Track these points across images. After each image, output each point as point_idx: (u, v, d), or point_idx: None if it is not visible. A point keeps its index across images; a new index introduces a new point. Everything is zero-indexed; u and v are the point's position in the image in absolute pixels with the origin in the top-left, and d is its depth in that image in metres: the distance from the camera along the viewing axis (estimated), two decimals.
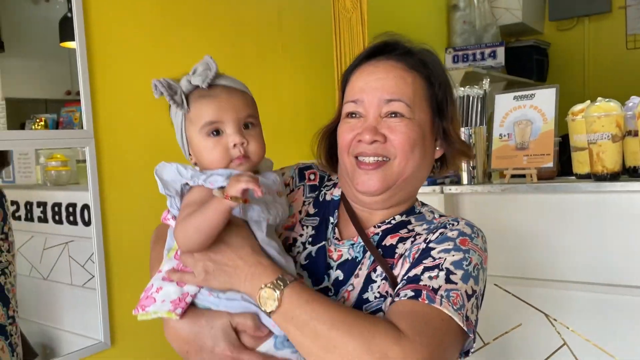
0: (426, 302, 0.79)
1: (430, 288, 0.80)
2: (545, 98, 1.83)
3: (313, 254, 0.96)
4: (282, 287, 0.80)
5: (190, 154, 0.93)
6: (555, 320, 1.74)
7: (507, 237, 1.79)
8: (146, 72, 1.76)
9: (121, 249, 1.70)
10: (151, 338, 1.60)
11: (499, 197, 1.83)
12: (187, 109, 0.89)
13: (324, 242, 0.97)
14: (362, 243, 0.94)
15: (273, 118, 2.22)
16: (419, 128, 0.92)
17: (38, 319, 1.64)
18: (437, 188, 1.89)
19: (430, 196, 1.88)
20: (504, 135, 1.90)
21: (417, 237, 0.92)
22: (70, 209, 1.68)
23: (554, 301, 1.73)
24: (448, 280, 0.81)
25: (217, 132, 0.88)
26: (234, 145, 0.88)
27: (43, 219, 1.64)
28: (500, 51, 3.27)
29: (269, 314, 0.80)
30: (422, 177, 0.98)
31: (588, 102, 1.74)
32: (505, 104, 1.89)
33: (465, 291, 0.81)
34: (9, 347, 1.47)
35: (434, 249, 0.87)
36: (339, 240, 0.97)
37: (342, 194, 1.02)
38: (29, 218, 1.63)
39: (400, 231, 0.95)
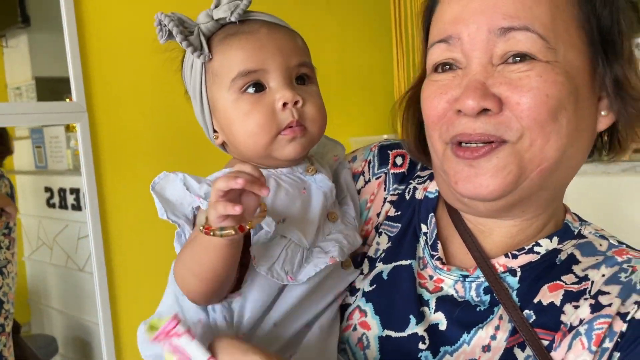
0: None
1: None
2: None
3: (385, 275, 0.66)
4: None
5: (215, 130, 0.67)
6: None
7: (630, 235, 1.32)
8: (150, 27, 1.51)
9: (124, 250, 1.51)
10: None
11: (617, 180, 1.40)
12: (209, 55, 0.63)
13: (410, 261, 0.65)
14: (485, 279, 0.61)
15: None
16: (567, 78, 0.55)
17: (75, 312, 1.60)
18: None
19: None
20: None
21: (600, 297, 0.56)
22: None
23: None
24: None
25: (259, 87, 0.63)
26: (284, 104, 0.62)
27: (76, 207, 1.56)
28: None
29: None
30: (574, 166, 0.61)
31: None
32: None
33: None
34: None
35: None
36: (443, 264, 0.63)
37: None
38: (63, 206, 1.58)
39: (562, 278, 0.59)
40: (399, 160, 0.75)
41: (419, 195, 0.71)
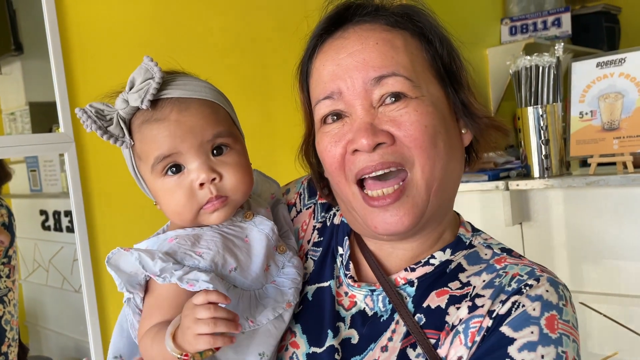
0: None
1: None
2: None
3: (310, 296, 0.74)
4: None
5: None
6: None
7: (595, 245, 1.48)
8: (139, 56, 1.51)
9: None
10: None
11: (582, 193, 1.51)
12: (131, 141, 0.68)
13: (329, 282, 0.74)
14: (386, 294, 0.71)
15: (296, 121, 1.93)
16: (434, 108, 0.67)
17: (71, 333, 1.59)
18: (500, 184, 1.54)
19: (491, 194, 1.54)
20: (586, 114, 1.59)
21: (477, 299, 0.65)
22: None
23: None
24: None
25: (176, 168, 0.68)
26: (201, 184, 0.67)
27: (71, 229, 1.55)
28: (566, 18, 2.85)
29: None
30: (456, 179, 0.73)
31: None
32: (586, 73, 1.57)
33: None
34: None
35: (511, 340, 0.60)
36: (354, 282, 0.73)
37: None
38: (58, 228, 1.59)
39: (449, 284, 0.68)
40: (326, 192, 0.81)
41: (336, 220, 0.80)
